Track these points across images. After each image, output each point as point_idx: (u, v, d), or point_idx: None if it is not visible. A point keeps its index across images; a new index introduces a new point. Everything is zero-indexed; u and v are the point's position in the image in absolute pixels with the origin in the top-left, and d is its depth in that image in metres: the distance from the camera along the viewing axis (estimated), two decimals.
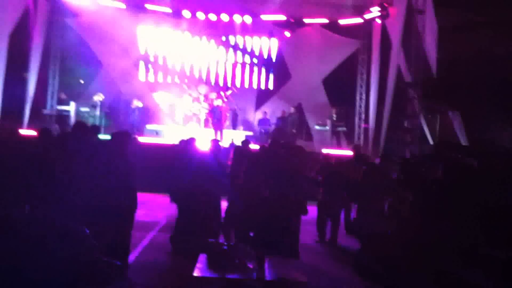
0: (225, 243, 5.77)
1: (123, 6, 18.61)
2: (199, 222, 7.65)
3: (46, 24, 18.12)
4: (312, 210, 8.66)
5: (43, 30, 17.93)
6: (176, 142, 10.00)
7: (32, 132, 9.09)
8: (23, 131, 13.11)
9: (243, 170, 7.81)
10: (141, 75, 20.34)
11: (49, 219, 2.25)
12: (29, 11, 16.65)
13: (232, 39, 20.42)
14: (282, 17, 19.31)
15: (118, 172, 6.32)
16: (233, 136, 16.31)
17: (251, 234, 6.87)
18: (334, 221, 9.66)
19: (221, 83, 20.27)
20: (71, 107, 17.26)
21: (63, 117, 17.64)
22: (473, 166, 5.59)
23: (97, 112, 17.51)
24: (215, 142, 9.55)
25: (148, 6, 18.80)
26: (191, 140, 8.58)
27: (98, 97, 17.62)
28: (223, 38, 20.36)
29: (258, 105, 20.97)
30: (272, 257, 5.33)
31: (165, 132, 17.55)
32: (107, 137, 7.61)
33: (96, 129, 7.80)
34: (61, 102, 18.24)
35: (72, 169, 6.17)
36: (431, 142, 16.15)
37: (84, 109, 17.58)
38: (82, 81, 20.06)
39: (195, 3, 19.05)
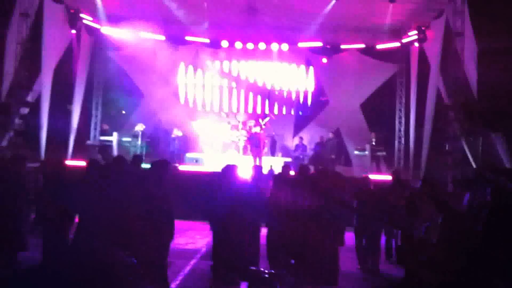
0: (266, 271, 5.77)
1: (162, 38, 19.08)
2: (239, 250, 7.64)
3: (89, 58, 18.74)
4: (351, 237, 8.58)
5: (86, 63, 18.53)
6: (218, 169, 10.07)
7: (78, 163, 9.31)
8: (69, 162, 13.48)
9: (283, 196, 7.78)
10: (181, 100, 20.66)
11: (99, 250, 2.32)
12: (73, 45, 17.24)
13: (269, 66, 20.62)
14: (318, 44, 19.42)
15: (156, 200, 6.44)
16: (271, 163, 16.34)
17: (292, 262, 6.86)
18: (373, 247, 9.50)
19: (259, 111, 20.43)
20: (114, 138, 17.65)
21: (105, 147, 18.03)
22: None
23: (139, 142, 17.85)
24: (257, 168, 9.51)
25: (187, 38, 19.20)
26: (232, 167, 8.47)
27: (139, 127, 17.99)
28: (261, 66, 20.57)
29: (296, 131, 21.00)
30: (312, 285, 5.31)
31: (205, 160, 17.74)
32: (148, 166, 7.76)
33: (139, 159, 7.95)
34: (104, 132, 18.67)
35: (113, 198, 6.33)
36: (473, 165, 15.79)
37: (126, 139, 17.97)
38: (123, 112, 20.58)
39: (232, 33, 19.38)
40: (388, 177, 14.26)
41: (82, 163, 9.22)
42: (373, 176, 13.83)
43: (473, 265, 5.20)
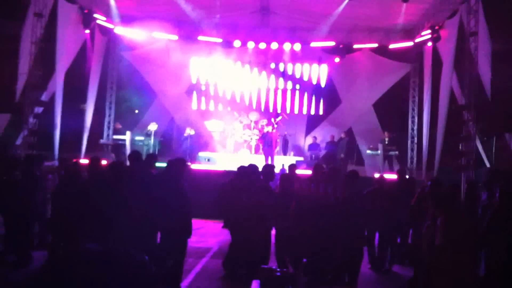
0: (278, 270, 5.77)
1: (175, 37, 19.17)
2: (252, 249, 7.64)
3: (102, 57, 18.86)
4: None
5: (100, 63, 18.65)
6: (229, 168, 10.07)
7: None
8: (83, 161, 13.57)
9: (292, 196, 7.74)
10: (194, 103, 20.79)
11: (113, 248, 2.34)
12: (86, 45, 17.36)
13: (282, 66, 20.65)
14: (331, 43, 19.38)
15: (174, 199, 6.47)
16: (284, 162, 16.36)
17: (304, 260, 6.84)
18: (385, 247, 9.48)
19: (271, 110, 20.45)
20: (127, 137, 17.74)
21: (119, 146, 18.15)
22: None
23: (151, 141, 17.94)
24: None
25: (200, 37, 19.26)
26: (256, 167, 8.39)
27: (152, 126, 18.08)
28: (273, 66, 20.61)
29: (308, 131, 21.01)
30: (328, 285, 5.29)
31: (217, 159, 17.79)
32: (162, 164, 7.78)
33: (153, 158, 7.92)
34: (117, 132, 18.80)
35: (130, 197, 6.36)
36: (487, 165, 15.70)
37: (139, 138, 18.07)
38: (136, 111, 20.72)
39: (245, 33, 19.40)
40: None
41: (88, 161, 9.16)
42: (385, 176, 13.81)
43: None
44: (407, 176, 11.43)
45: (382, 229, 9.35)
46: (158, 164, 7.78)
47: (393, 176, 13.43)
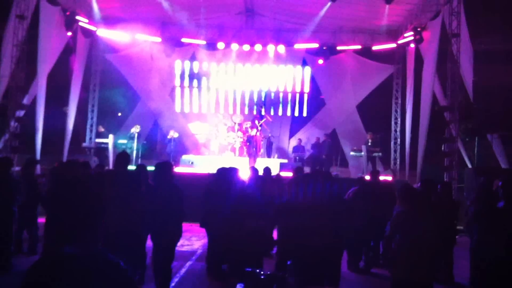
0: (263, 272, 5.74)
1: (158, 39, 19.08)
2: (238, 252, 7.57)
3: (85, 60, 18.71)
4: None
5: (83, 65, 18.50)
6: (215, 171, 9.99)
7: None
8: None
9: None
10: (177, 106, 20.72)
11: (94, 254, 2.29)
12: (69, 47, 17.22)
13: (266, 68, 20.65)
14: (315, 45, 19.44)
15: (164, 201, 6.42)
16: (268, 164, 16.32)
17: (289, 263, 6.82)
18: (365, 248, 9.52)
19: (255, 112, 20.44)
20: (109, 140, 17.58)
21: (101, 149, 18.00)
22: None
23: (135, 144, 17.81)
24: (255, 170, 9.40)
25: (184, 39, 19.21)
26: (233, 170, 8.22)
27: (136, 129, 17.94)
28: (257, 67, 20.62)
29: (292, 133, 21.03)
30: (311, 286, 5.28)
31: (200, 162, 17.71)
32: (150, 168, 7.71)
33: (125, 158, 7.72)
34: (99, 135, 18.66)
35: (117, 200, 6.30)
36: (469, 166, 15.83)
37: (122, 141, 17.91)
38: (120, 114, 20.59)
39: (229, 35, 19.38)
40: (385, 178, 14.34)
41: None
42: (368, 177, 13.84)
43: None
44: (380, 178, 11.37)
45: (359, 230, 9.32)
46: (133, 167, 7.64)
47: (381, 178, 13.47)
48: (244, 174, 9.21)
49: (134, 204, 6.32)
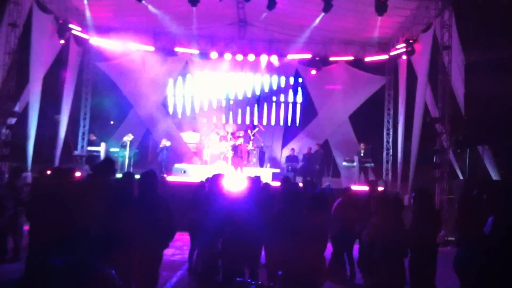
0: (253, 283, 5.72)
1: (151, 49, 19.11)
2: (227, 261, 7.54)
3: (77, 68, 18.69)
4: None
5: (75, 74, 18.48)
6: (202, 179, 9.97)
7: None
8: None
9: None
10: (169, 115, 20.72)
11: (80, 263, 2.27)
12: (61, 56, 17.20)
13: (258, 78, 20.72)
14: (307, 56, 19.53)
15: (148, 212, 6.38)
16: (259, 174, 16.31)
17: (280, 273, 6.80)
18: (348, 256, 9.54)
19: (248, 122, 20.46)
20: (101, 148, 17.52)
21: (93, 157, 17.92)
22: None
23: (127, 152, 17.75)
24: (255, 180, 9.07)
25: (177, 49, 19.25)
26: (218, 176, 8.27)
27: (128, 138, 17.89)
28: (250, 77, 20.68)
29: (285, 143, 21.06)
30: None
31: (193, 170, 17.66)
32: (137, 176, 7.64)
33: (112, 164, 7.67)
34: (91, 143, 18.60)
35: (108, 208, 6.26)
36: (461, 177, 15.90)
37: (114, 149, 17.85)
38: (112, 122, 20.55)
39: (222, 45, 19.45)
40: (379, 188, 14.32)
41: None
42: (361, 187, 13.92)
43: None
44: (379, 188, 11.42)
45: (339, 239, 9.33)
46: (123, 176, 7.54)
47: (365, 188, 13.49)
48: (237, 184, 9.11)
49: (118, 213, 6.28)
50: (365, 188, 13.78)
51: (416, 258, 6.59)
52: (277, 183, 10.78)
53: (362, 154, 17.93)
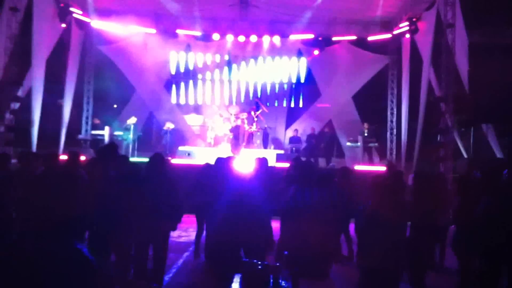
0: (260, 263, 5.75)
1: (153, 31, 19.02)
2: (235, 244, 7.54)
3: (79, 52, 18.61)
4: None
5: (77, 58, 18.40)
6: (208, 161, 9.94)
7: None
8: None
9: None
10: (173, 97, 20.70)
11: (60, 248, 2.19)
12: (63, 39, 17.13)
13: (261, 59, 20.64)
14: (310, 36, 19.41)
15: (159, 193, 6.41)
16: (264, 155, 16.33)
17: (285, 253, 6.84)
18: (346, 235, 9.57)
19: (251, 103, 20.42)
20: (105, 132, 17.54)
21: (97, 141, 17.97)
22: None
23: (131, 135, 17.78)
24: (263, 161, 9.10)
25: (178, 31, 19.16)
26: (229, 159, 8.16)
27: (131, 121, 17.91)
28: (252, 59, 20.60)
29: (288, 124, 21.03)
30: (306, 278, 5.31)
31: (197, 153, 17.70)
32: (142, 159, 7.69)
33: (115, 149, 7.66)
34: (95, 127, 18.63)
35: (115, 191, 6.30)
36: (465, 156, 15.89)
37: (118, 133, 17.87)
38: (115, 106, 20.55)
39: (224, 26, 19.34)
40: (381, 168, 14.38)
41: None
42: (365, 167, 13.96)
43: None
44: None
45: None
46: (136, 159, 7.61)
47: (373, 168, 13.51)
48: (245, 166, 9.05)
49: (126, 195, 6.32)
50: (369, 168, 13.82)
51: (415, 237, 6.63)
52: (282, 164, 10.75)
53: (366, 134, 17.92)
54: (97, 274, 2.00)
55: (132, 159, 13.89)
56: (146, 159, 7.09)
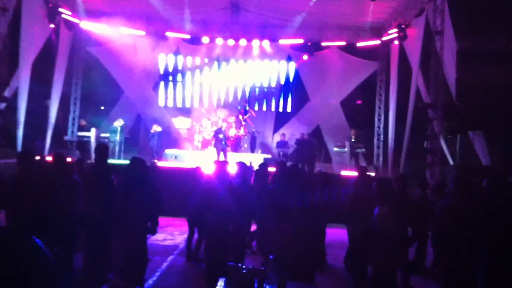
0: (245, 267, 5.72)
1: (142, 33, 18.93)
2: (220, 247, 7.52)
3: (68, 52, 18.47)
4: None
5: (65, 59, 18.25)
6: (197, 165, 9.92)
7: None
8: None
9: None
10: (161, 100, 20.62)
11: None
12: (51, 40, 17.00)
13: (250, 63, 20.63)
14: (300, 41, 19.43)
15: (140, 196, 6.36)
16: (251, 159, 16.30)
17: (271, 257, 6.81)
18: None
19: (239, 107, 20.40)
20: (92, 133, 17.41)
21: (83, 143, 17.85)
22: None
23: (117, 138, 17.67)
24: (242, 164, 9.17)
25: (168, 33, 19.09)
26: (224, 163, 8.19)
27: (118, 123, 17.80)
28: (241, 62, 20.59)
29: (276, 128, 21.03)
30: (292, 281, 5.28)
31: (184, 156, 17.63)
32: (126, 162, 7.63)
33: (105, 149, 7.61)
34: (82, 128, 18.49)
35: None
36: (451, 163, 15.97)
37: (104, 135, 17.75)
38: (102, 107, 20.43)
39: (213, 29, 19.31)
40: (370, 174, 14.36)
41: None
42: (351, 173, 13.98)
43: None
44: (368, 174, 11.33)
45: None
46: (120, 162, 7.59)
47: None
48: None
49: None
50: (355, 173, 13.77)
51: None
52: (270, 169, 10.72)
53: (353, 140, 17.95)
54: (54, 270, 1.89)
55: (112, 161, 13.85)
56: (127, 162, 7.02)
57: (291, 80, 20.92)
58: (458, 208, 5.66)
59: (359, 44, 19.16)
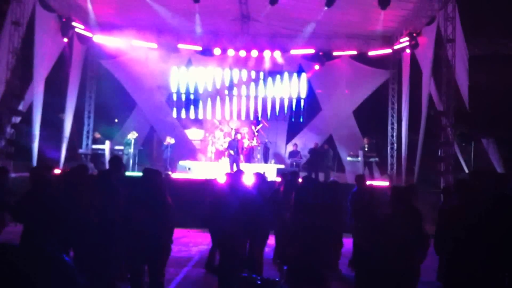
0: (259, 277, 5.72)
1: (155, 46, 19.08)
2: (234, 257, 7.51)
3: (81, 66, 18.70)
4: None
5: (79, 72, 18.47)
6: (214, 176, 9.95)
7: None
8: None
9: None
10: (174, 112, 20.72)
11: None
12: (65, 54, 17.20)
13: (262, 74, 20.68)
14: (311, 51, 19.46)
15: (153, 208, 6.36)
16: (264, 170, 16.31)
17: (285, 268, 6.81)
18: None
19: (252, 118, 20.44)
20: (106, 146, 17.56)
21: (98, 155, 17.98)
22: None
23: (131, 150, 17.79)
24: (260, 175, 9.14)
25: (180, 45, 19.22)
26: (240, 174, 8.10)
27: (132, 135, 17.93)
28: (253, 73, 20.64)
29: (289, 138, 21.03)
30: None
31: (197, 168, 17.70)
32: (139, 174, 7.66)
33: (118, 162, 7.69)
34: (96, 141, 18.64)
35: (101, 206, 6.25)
36: (466, 170, 15.86)
37: (118, 147, 17.89)
38: (116, 120, 20.59)
39: (225, 41, 19.41)
40: (382, 183, 14.35)
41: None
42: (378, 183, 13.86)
43: None
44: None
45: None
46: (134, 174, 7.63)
47: (374, 183, 13.47)
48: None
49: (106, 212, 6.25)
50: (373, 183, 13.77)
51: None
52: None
53: (366, 149, 17.91)
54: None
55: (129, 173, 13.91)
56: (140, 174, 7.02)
57: (303, 90, 20.90)
58: (458, 211, 5.64)
59: (370, 53, 19.16)
